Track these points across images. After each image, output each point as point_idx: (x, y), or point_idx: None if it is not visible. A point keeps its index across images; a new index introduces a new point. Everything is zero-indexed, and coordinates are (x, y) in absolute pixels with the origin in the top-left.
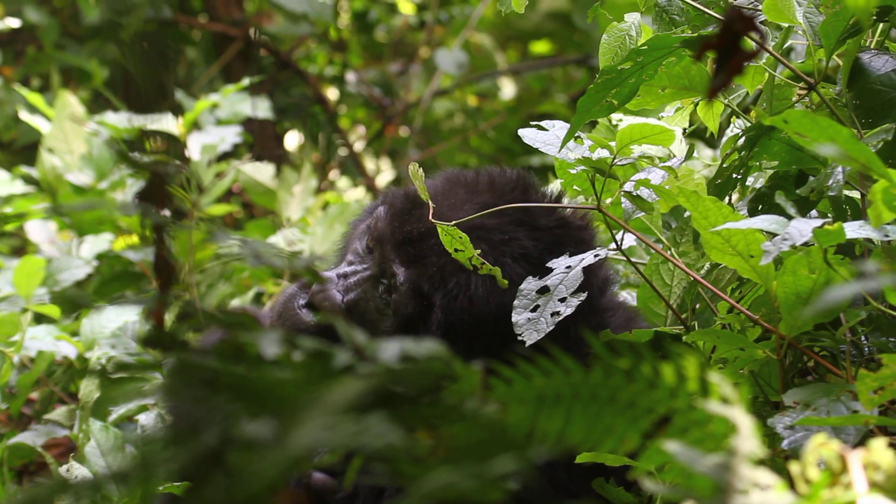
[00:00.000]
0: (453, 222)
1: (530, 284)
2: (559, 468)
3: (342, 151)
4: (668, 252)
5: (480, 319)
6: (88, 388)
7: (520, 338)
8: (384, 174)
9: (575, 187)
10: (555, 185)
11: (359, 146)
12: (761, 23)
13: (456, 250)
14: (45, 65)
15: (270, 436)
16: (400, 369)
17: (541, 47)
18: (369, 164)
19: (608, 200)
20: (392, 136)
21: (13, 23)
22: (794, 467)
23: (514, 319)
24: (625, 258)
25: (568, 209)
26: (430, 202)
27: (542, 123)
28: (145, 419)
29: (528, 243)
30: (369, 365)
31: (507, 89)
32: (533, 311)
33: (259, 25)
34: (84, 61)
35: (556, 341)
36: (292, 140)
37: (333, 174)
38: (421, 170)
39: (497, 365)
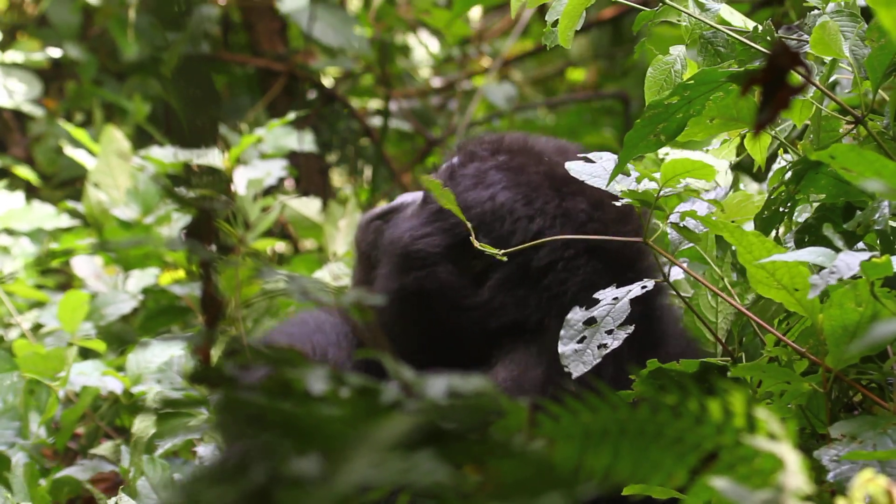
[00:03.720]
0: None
1: (577, 315)
2: None
3: (388, 182)
4: (718, 284)
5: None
6: (144, 424)
7: (566, 369)
8: None
9: None
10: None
11: (406, 177)
12: (805, 55)
13: None
14: (87, 100)
15: (318, 473)
16: (447, 405)
17: (577, 75)
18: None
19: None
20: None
21: (54, 52)
22: (840, 503)
23: (560, 350)
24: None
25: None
26: None
27: (590, 156)
28: (203, 451)
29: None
30: (416, 401)
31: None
32: (580, 342)
33: (304, 62)
34: (123, 98)
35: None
36: (337, 173)
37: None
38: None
39: None
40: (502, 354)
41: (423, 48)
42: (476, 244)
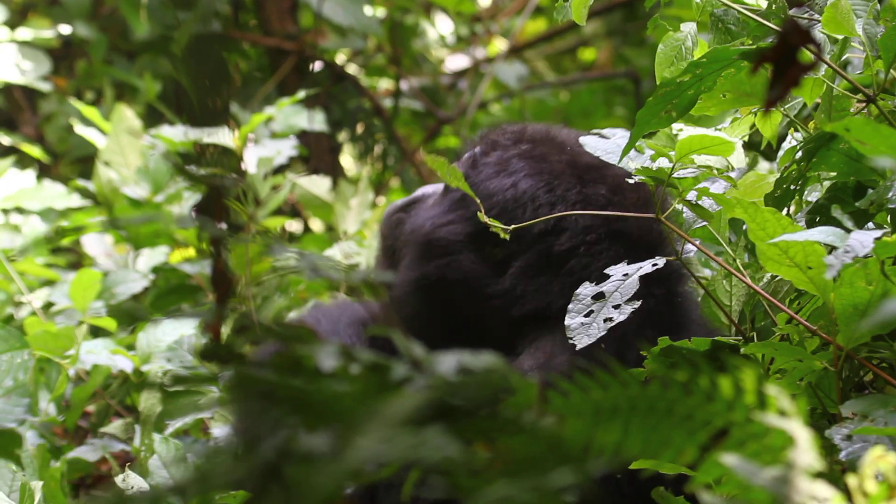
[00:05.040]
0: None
1: (586, 290)
2: (617, 481)
3: (399, 161)
4: (731, 263)
5: None
6: (150, 402)
7: (571, 341)
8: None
9: None
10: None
11: (417, 156)
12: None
13: None
14: (98, 79)
15: (328, 448)
16: (457, 382)
17: (590, 55)
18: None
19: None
20: (443, 146)
21: (65, 31)
22: (851, 480)
23: (567, 323)
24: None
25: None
26: None
27: (604, 132)
28: (218, 431)
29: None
30: (427, 377)
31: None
32: (587, 315)
33: (314, 41)
34: (133, 77)
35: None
36: (348, 152)
37: (390, 185)
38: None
39: None
40: (527, 343)
41: (437, 29)
42: (485, 219)
